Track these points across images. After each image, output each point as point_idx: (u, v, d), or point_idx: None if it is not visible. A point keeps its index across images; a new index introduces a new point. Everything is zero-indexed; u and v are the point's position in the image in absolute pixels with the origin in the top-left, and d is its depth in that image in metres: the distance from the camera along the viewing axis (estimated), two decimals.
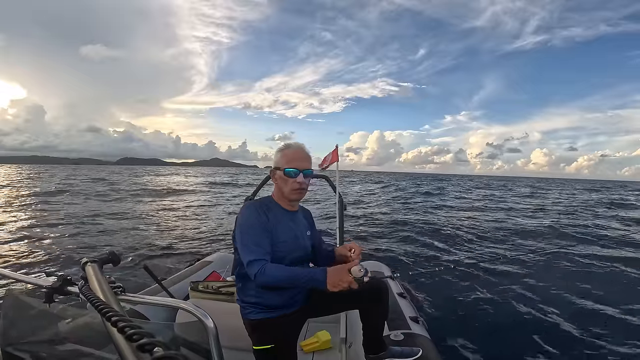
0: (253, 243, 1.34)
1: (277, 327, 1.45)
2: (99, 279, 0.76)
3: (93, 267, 0.81)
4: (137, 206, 14.24)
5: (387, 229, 9.86)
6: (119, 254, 0.95)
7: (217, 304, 2.28)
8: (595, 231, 10.50)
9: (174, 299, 0.94)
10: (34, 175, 43.58)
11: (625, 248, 7.52)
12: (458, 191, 25.65)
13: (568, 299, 4.46)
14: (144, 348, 0.42)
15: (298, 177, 1.47)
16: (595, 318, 3.93)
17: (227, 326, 1.33)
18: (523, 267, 5.81)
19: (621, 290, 4.96)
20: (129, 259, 6.22)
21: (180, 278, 3.14)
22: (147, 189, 22.60)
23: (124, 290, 0.84)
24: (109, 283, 0.77)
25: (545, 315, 3.93)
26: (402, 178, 70.81)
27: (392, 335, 1.95)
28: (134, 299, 0.85)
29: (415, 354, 1.78)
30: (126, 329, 0.45)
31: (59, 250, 6.86)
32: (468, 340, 3.29)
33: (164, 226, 10.16)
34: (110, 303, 0.62)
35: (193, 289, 2.58)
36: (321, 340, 2.26)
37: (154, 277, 2.50)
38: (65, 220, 10.44)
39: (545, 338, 3.40)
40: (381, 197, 21.83)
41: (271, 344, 1.41)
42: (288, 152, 1.51)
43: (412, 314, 2.35)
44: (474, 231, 9.33)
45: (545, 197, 26.53)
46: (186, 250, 7.24)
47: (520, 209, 16.78)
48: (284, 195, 1.51)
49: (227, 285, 2.58)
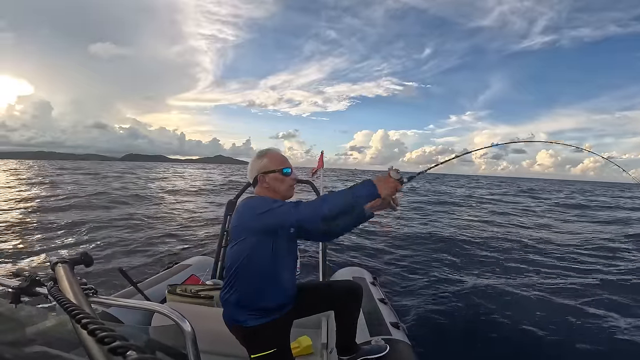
0: (282, 203, 1.35)
1: (276, 330, 1.44)
2: (69, 280, 0.72)
3: (64, 267, 0.78)
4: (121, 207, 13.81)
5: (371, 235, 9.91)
6: (92, 255, 0.91)
7: (196, 308, 2.23)
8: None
9: (150, 302, 0.91)
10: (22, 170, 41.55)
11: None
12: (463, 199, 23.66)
13: (552, 307, 4.48)
14: (116, 351, 0.40)
15: (292, 174, 1.57)
16: (587, 324, 3.94)
17: (205, 330, 1.30)
18: (512, 276, 5.89)
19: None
20: (104, 261, 6.00)
21: (157, 281, 3.06)
22: (135, 188, 21.89)
23: (96, 292, 0.81)
24: (81, 285, 0.74)
25: (530, 326, 3.89)
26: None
27: (373, 341, 1.95)
28: (107, 301, 0.82)
29: (383, 350, 1.85)
30: (97, 331, 0.43)
31: (29, 250, 6.56)
32: (449, 347, 3.34)
33: (143, 228, 9.88)
34: (80, 305, 0.59)
35: (170, 292, 2.51)
36: (302, 345, 2.24)
37: (129, 280, 2.42)
38: (39, 218, 10.01)
39: (530, 349, 3.42)
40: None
41: (273, 348, 1.40)
42: (276, 155, 1.59)
43: (393, 320, 2.36)
44: (468, 240, 9.22)
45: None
46: (165, 253, 7.06)
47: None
48: (281, 195, 1.55)
49: (207, 289, 2.52)
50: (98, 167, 66.84)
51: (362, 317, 2.15)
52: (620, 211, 18.73)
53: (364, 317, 2.29)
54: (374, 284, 3.16)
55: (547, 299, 4.68)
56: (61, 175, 32.82)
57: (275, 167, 1.54)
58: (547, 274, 6.01)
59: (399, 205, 1.32)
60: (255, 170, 1.56)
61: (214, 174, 52.29)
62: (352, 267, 4.13)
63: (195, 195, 19.39)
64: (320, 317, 2.33)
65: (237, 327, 1.44)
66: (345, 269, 3.73)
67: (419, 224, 11.74)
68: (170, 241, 8.30)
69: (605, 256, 7.54)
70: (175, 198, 17.64)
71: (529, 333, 3.72)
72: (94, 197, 15.64)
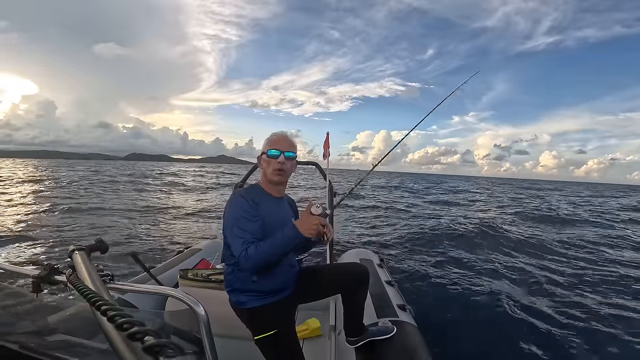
0: (240, 231, 1.37)
1: (276, 312, 1.47)
2: (87, 267, 0.74)
3: (81, 254, 0.79)
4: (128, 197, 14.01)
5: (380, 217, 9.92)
6: (107, 242, 0.93)
7: (207, 292, 2.27)
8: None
9: (164, 287, 0.93)
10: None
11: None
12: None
13: (560, 294, 4.52)
14: (134, 337, 0.41)
15: (279, 157, 1.51)
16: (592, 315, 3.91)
17: (217, 314, 1.33)
18: (521, 267, 5.87)
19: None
20: (117, 247, 6.14)
21: (169, 266, 3.12)
22: (144, 181, 22.03)
23: (112, 279, 0.83)
24: (97, 271, 0.76)
25: (538, 313, 3.91)
26: (412, 179, 67.64)
27: (380, 322, 1.98)
28: (123, 288, 0.84)
29: (390, 331, 1.88)
30: (116, 317, 0.45)
31: (46, 239, 6.73)
32: (455, 329, 3.38)
33: (154, 216, 10.04)
34: (99, 292, 0.61)
35: (182, 277, 2.55)
36: (311, 327, 2.29)
37: (142, 266, 2.47)
38: (53, 210, 10.22)
39: (537, 338, 3.40)
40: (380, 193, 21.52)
41: (273, 329, 1.43)
42: (272, 138, 1.58)
43: (400, 302, 2.39)
44: (473, 229, 9.07)
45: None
46: (175, 238, 7.19)
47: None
48: (267, 178, 1.56)
49: (217, 272, 2.56)
50: (105, 165, 67.26)
51: (369, 299, 2.18)
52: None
53: (371, 299, 2.32)
54: (381, 266, 3.18)
55: (556, 291, 4.65)
56: (71, 171, 33.13)
57: (264, 149, 1.55)
58: (562, 272, 5.93)
59: (332, 233, 1.41)
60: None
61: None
62: (359, 249, 4.16)
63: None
64: (329, 299, 2.36)
65: (239, 309, 1.49)
66: (353, 251, 3.76)
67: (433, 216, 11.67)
68: (181, 226, 8.43)
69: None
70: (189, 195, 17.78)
71: (535, 319, 3.75)
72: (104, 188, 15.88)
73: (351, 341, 1.82)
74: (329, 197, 3.29)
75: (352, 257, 3.44)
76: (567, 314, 3.88)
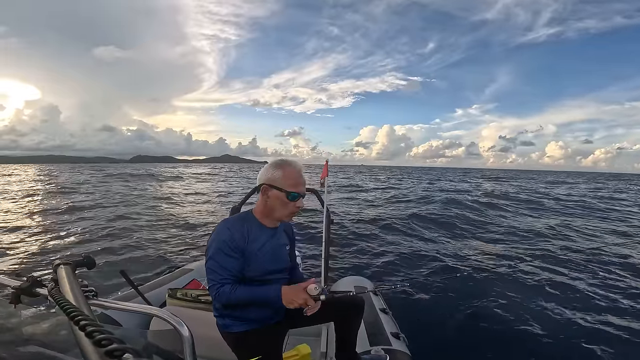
0: (218, 266, 1.33)
1: (262, 338, 1.42)
2: (70, 282, 0.72)
3: (66, 269, 0.78)
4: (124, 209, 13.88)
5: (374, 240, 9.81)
6: (95, 258, 0.91)
7: (195, 313, 2.22)
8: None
9: (148, 306, 0.90)
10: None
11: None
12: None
13: (563, 316, 4.35)
14: (112, 354, 0.40)
15: (299, 201, 1.41)
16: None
17: (204, 336, 1.29)
18: (519, 286, 5.77)
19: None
20: (105, 263, 6.02)
21: (158, 284, 3.05)
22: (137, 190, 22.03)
23: (96, 295, 0.81)
24: (82, 287, 0.74)
25: (536, 337, 3.80)
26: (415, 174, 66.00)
27: (373, 350, 1.94)
28: (106, 304, 0.82)
29: (383, 359, 1.83)
30: (94, 333, 0.43)
31: (32, 251, 6.60)
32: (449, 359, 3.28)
33: (147, 231, 9.90)
34: (80, 306, 0.60)
35: (171, 296, 2.50)
36: (301, 353, 2.21)
37: (130, 282, 2.42)
38: (42, 221, 10.09)
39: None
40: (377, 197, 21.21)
41: (257, 355, 1.37)
42: (292, 173, 1.41)
43: (394, 330, 2.34)
44: (472, 249, 9.01)
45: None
46: (168, 257, 7.06)
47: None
48: (274, 216, 1.45)
49: (207, 294, 2.52)
50: (108, 169, 67.30)
51: (362, 326, 2.13)
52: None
53: (364, 326, 2.27)
54: (375, 293, 3.14)
55: (562, 316, 4.45)
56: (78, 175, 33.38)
57: (284, 186, 1.38)
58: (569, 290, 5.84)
59: (313, 311, 1.35)
60: (264, 177, 1.42)
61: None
62: (354, 276, 4.10)
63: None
64: (321, 326, 2.31)
65: (225, 332, 1.44)
66: (347, 278, 3.71)
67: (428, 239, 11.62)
68: (174, 245, 8.30)
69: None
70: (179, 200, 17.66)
71: (536, 349, 3.65)
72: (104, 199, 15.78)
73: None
74: (325, 223, 3.29)
75: (347, 284, 3.39)
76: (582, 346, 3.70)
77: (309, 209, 12.14)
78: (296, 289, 1.29)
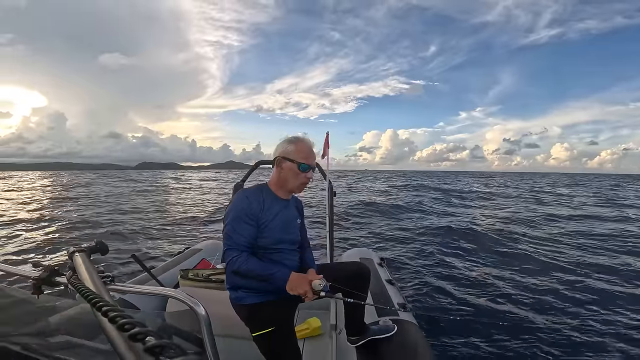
0: (234, 232, 1.40)
1: (274, 310, 1.47)
2: (87, 269, 0.74)
3: (81, 256, 0.79)
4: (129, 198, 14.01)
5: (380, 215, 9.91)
6: (107, 243, 0.93)
7: (208, 292, 2.27)
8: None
9: (165, 288, 0.93)
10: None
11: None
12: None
13: (566, 296, 4.33)
14: (136, 338, 0.41)
15: (309, 172, 1.52)
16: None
17: (218, 314, 1.34)
18: (525, 264, 5.77)
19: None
20: (117, 248, 6.14)
21: (169, 266, 3.12)
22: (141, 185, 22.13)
23: (113, 280, 0.82)
24: (98, 273, 0.76)
25: (542, 315, 3.78)
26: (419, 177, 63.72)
27: (381, 321, 1.99)
28: (124, 289, 0.84)
29: (391, 330, 1.89)
30: (117, 318, 0.45)
31: (46, 241, 6.74)
32: (455, 328, 3.37)
33: (154, 216, 10.03)
34: (100, 293, 0.61)
35: (183, 277, 2.56)
36: (312, 326, 2.29)
37: (142, 266, 2.47)
38: (52, 212, 10.23)
39: (543, 336, 3.30)
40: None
41: (271, 327, 1.43)
42: (303, 147, 1.53)
43: (400, 301, 2.40)
44: (477, 228, 8.80)
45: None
46: (176, 239, 7.19)
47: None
48: (287, 187, 1.55)
49: (217, 272, 2.57)
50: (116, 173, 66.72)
51: (370, 298, 2.19)
52: None
53: (371, 298, 2.33)
54: (381, 265, 3.19)
55: (560, 290, 4.53)
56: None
57: (296, 158, 1.50)
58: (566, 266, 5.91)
59: (309, 300, 1.41)
60: (278, 151, 1.54)
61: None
62: (359, 248, 4.17)
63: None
64: (329, 299, 2.37)
65: (238, 305, 1.49)
66: (353, 250, 3.77)
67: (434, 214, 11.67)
68: (181, 227, 8.43)
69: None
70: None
71: (536, 318, 3.73)
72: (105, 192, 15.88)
73: (352, 340, 1.83)
74: (328, 196, 3.30)
75: (353, 256, 3.44)
76: (579, 313, 3.80)
77: (310, 186, 12.15)
78: (302, 279, 1.38)
